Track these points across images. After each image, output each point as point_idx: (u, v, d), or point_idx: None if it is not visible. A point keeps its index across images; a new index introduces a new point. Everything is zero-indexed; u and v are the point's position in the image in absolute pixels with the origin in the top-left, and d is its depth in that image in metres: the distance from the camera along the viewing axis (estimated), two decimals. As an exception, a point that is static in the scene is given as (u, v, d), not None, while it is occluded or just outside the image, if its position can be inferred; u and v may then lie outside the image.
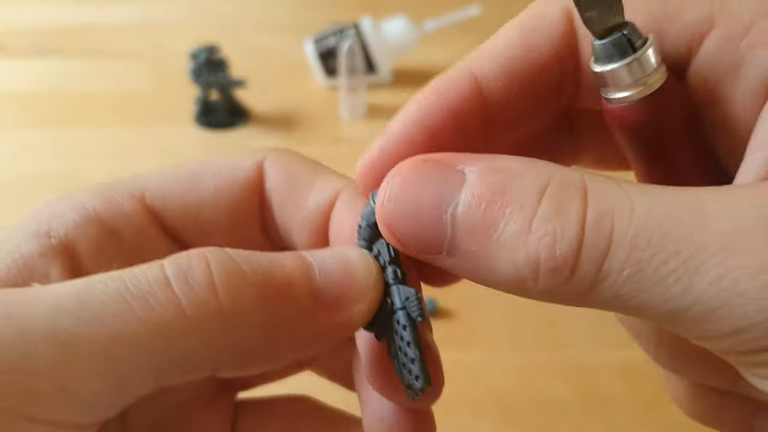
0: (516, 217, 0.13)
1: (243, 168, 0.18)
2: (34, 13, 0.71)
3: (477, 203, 0.13)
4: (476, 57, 0.17)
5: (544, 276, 0.13)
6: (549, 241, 0.12)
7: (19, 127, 0.55)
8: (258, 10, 0.72)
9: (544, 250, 0.12)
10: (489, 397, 0.36)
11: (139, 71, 0.62)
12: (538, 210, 0.13)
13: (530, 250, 0.13)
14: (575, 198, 0.13)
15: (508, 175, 0.13)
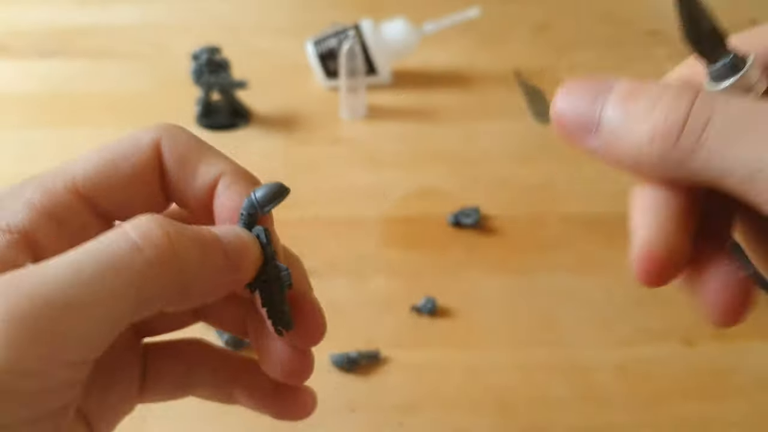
0: (646, 102, 0.18)
1: (143, 147, 0.22)
2: (36, 14, 0.71)
3: (623, 94, 0.19)
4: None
5: (658, 140, 0.18)
6: (665, 115, 0.18)
7: (21, 127, 0.56)
8: (259, 12, 0.72)
9: (661, 121, 0.18)
10: (488, 395, 0.36)
11: (140, 72, 0.62)
12: (662, 98, 0.18)
13: (653, 119, 0.18)
14: (689, 96, 0.18)
15: (644, 84, 0.19)
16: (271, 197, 0.22)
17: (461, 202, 0.48)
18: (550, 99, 0.21)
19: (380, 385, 0.37)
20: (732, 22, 0.70)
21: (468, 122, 0.57)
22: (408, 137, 0.55)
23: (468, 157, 0.53)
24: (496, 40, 0.68)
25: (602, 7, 0.74)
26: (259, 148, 0.54)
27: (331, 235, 0.46)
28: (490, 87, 0.61)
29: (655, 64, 0.64)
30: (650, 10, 0.74)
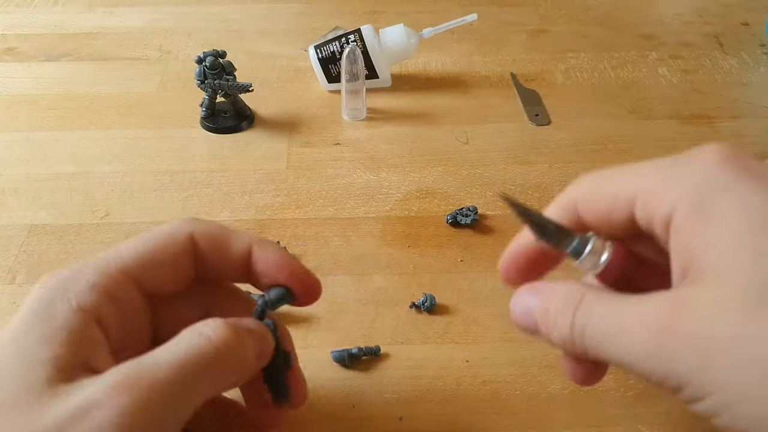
0: (552, 318, 0.26)
1: (179, 240, 0.28)
2: (45, 18, 0.72)
3: (540, 311, 0.27)
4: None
5: (563, 345, 0.26)
6: (559, 331, 0.26)
7: (29, 129, 0.56)
8: (263, 18, 0.72)
9: (558, 334, 0.26)
10: (485, 390, 0.37)
11: (147, 75, 0.63)
12: (557, 318, 0.26)
13: (556, 333, 0.26)
14: (570, 316, 0.25)
15: (550, 297, 0.27)
16: (279, 299, 0.29)
17: (459, 202, 0.49)
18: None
19: (380, 380, 0.38)
20: (724, 26, 0.72)
21: (466, 124, 0.57)
22: (407, 139, 0.55)
23: (466, 159, 0.53)
24: (493, 45, 0.68)
25: (597, 11, 0.75)
26: (262, 150, 0.54)
27: (333, 234, 0.47)
28: (488, 90, 0.62)
29: (648, 66, 0.65)
30: (644, 14, 0.75)
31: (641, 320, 0.23)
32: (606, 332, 0.24)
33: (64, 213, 0.48)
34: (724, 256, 0.22)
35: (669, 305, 0.23)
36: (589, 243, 0.26)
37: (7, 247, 0.45)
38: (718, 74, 0.64)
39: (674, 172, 0.25)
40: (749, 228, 0.22)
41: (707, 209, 0.23)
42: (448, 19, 0.61)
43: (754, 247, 0.22)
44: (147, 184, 0.51)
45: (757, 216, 0.22)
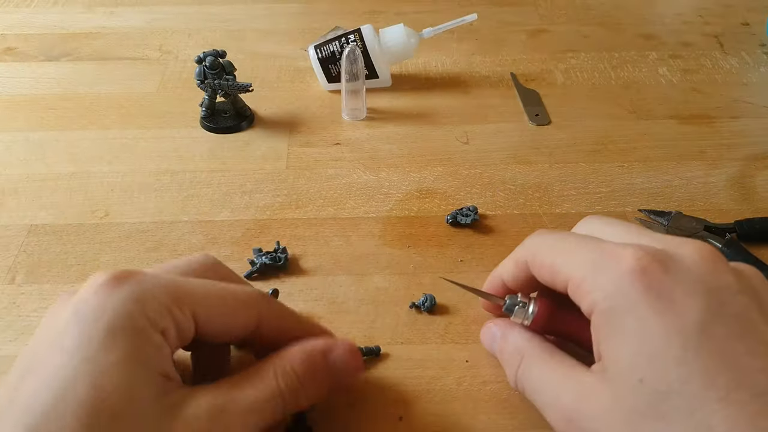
0: (506, 359, 0.35)
1: (249, 318, 0.31)
2: (44, 18, 0.72)
3: (499, 352, 0.36)
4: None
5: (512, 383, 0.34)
6: (510, 372, 0.34)
7: (29, 129, 0.56)
8: (263, 18, 0.72)
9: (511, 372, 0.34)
10: (485, 390, 0.37)
11: (146, 75, 0.63)
12: (509, 360, 0.34)
13: (508, 373, 0.34)
14: (516, 362, 0.33)
15: (504, 342, 0.35)
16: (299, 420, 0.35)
17: (459, 202, 0.49)
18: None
19: (380, 380, 0.38)
20: (725, 26, 0.72)
21: (466, 124, 0.57)
22: (407, 139, 0.56)
23: (466, 159, 0.53)
24: (493, 45, 0.69)
25: (597, 11, 0.75)
26: (262, 150, 0.54)
27: (333, 234, 0.47)
28: (488, 90, 0.62)
29: (648, 66, 0.65)
30: (644, 14, 0.75)
31: (557, 404, 0.30)
32: (537, 399, 0.32)
33: (63, 213, 0.48)
34: (620, 373, 0.27)
35: (576, 395, 0.29)
36: (515, 305, 0.34)
37: (6, 247, 0.45)
38: (718, 74, 0.64)
39: (598, 269, 0.29)
40: (640, 352, 0.27)
41: (615, 321, 0.28)
42: (448, 19, 0.61)
43: (642, 372, 0.27)
44: (147, 184, 0.51)
45: (646, 345, 0.27)
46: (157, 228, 0.47)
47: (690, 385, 0.26)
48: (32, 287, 0.43)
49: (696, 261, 0.29)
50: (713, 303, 0.27)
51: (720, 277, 0.28)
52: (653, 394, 0.26)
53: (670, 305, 0.27)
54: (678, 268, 0.28)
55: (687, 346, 0.26)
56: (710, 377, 0.26)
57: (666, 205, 0.49)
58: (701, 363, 0.26)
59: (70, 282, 0.43)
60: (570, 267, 0.30)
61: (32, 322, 0.41)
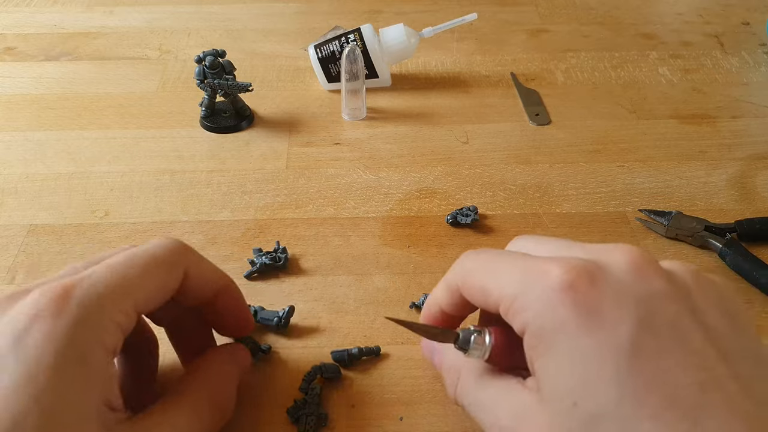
0: (445, 375, 0.34)
1: (177, 276, 0.31)
2: (44, 18, 0.72)
3: (438, 366, 0.35)
4: None
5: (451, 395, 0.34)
6: (450, 388, 0.33)
7: (30, 128, 0.56)
8: (263, 17, 0.72)
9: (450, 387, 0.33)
10: (485, 390, 0.37)
11: (146, 75, 0.63)
12: (447, 375, 0.34)
13: (446, 386, 0.34)
14: (454, 379, 0.33)
15: (442, 356, 0.35)
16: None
17: (459, 202, 0.49)
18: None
19: (380, 380, 0.38)
20: (725, 25, 0.72)
21: (466, 124, 0.57)
22: (407, 138, 0.56)
23: (466, 158, 0.53)
24: (493, 44, 0.69)
25: (598, 11, 0.75)
26: (262, 149, 0.54)
27: (333, 234, 0.47)
28: (488, 89, 0.62)
29: (649, 66, 0.65)
30: (645, 14, 0.75)
31: (497, 423, 0.29)
32: (478, 416, 0.31)
33: (63, 213, 0.48)
34: (554, 396, 0.27)
35: (515, 416, 0.29)
36: (470, 337, 0.31)
37: (6, 247, 0.45)
38: (718, 74, 0.64)
39: (526, 286, 0.28)
40: (572, 374, 0.26)
41: (546, 342, 0.27)
42: (448, 18, 0.61)
43: (575, 395, 0.26)
44: (146, 183, 0.51)
45: (578, 367, 0.26)
46: (157, 228, 0.47)
47: (622, 408, 0.25)
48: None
49: (624, 269, 0.28)
50: (643, 314, 0.27)
51: (650, 284, 0.28)
52: (587, 417, 0.26)
53: (600, 322, 0.26)
54: (606, 278, 0.27)
55: (619, 366, 0.26)
56: (641, 397, 0.25)
57: (666, 205, 0.49)
58: (632, 382, 0.25)
59: (70, 282, 0.43)
60: (499, 287, 0.29)
61: (32, 322, 0.40)
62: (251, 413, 0.36)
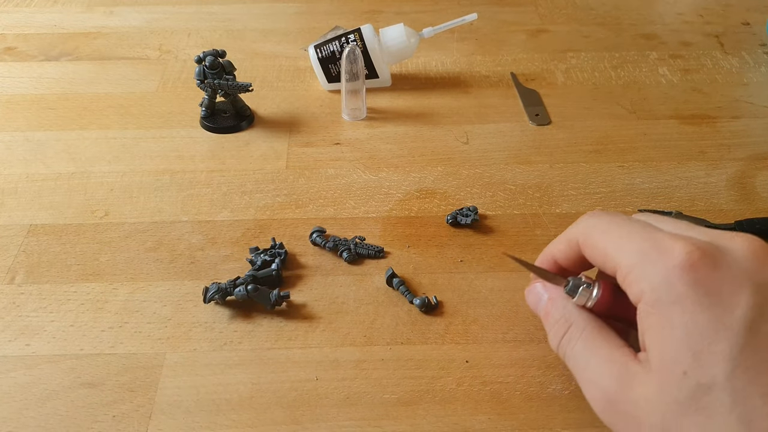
0: (551, 325, 0.35)
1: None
2: (44, 18, 0.72)
3: (543, 315, 0.35)
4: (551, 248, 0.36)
5: (555, 346, 0.34)
6: (554, 336, 0.34)
7: (30, 128, 0.56)
8: (263, 17, 0.72)
9: (553, 339, 0.34)
10: (485, 390, 0.37)
11: (146, 75, 0.63)
12: (554, 325, 0.34)
13: (551, 336, 0.34)
14: (564, 327, 0.33)
15: (552, 306, 0.35)
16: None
17: (459, 202, 0.49)
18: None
19: (380, 380, 0.38)
20: (725, 25, 0.71)
21: (466, 124, 0.57)
22: (407, 139, 0.55)
23: (466, 159, 0.53)
24: (493, 44, 0.68)
25: (598, 11, 0.75)
26: (262, 150, 0.54)
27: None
28: (488, 90, 0.62)
29: (649, 66, 0.65)
30: (645, 14, 0.75)
31: (599, 383, 0.30)
32: (577, 372, 0.32)
33: (63, 213, 0.48)
34: (664, 365, 0.28)
35: (619, 379, 0.30)
36: (579, 287, 0.33)
37: (6, 247, 0.45)
38: (718, 74, 0.64)
39: (647, 260, 0.30)
40: (685, 345, 0.28)
41: (662, 313, 0.28)
42: (448, 18, 0.61)
43: (686, 365, 0.27)
44: (146, 183, 0.51)
45: (692, 339, 0.28)
46: (157, 228, 0.47)
47: (734, 381, 0.26)
48: (32, 287, 0.43)
49: (745, 255, 0.29)
50: (761, 299, 0.28)
51: (766, 273, 0.29)
52: (696, 387, 0.27)
53: (718, 300, 0.27)
54: (727, 262, 0.29)
55: (733, 343, 0.27)
56: (755, 373, 0.26)
57: (666, 205, 0.49)
58: (746, 359, 0.26)
59: (70, 282, 0.43)
60: (620, 254, 0.30)
61: (31, 322, 0.40)
62: (251, 413, 0.36)
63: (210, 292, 0.41)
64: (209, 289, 0.41)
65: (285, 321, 0.41)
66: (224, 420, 0.36)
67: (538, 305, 0.36)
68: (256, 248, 0.45)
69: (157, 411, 0.36)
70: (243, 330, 0.40)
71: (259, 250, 0.45)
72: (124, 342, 0.39)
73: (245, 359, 0.39)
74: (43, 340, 0.39)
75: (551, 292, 0.35)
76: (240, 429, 0.35)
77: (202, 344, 0.39)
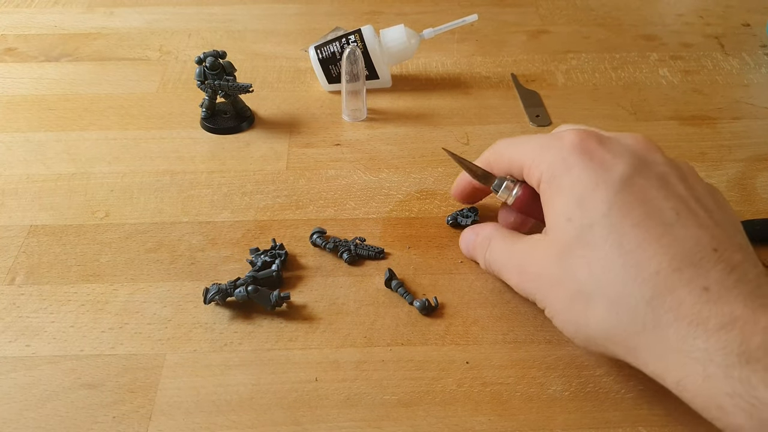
0: (477, 249, 0.42)
1: None
2: (44, 18, 0.72)
3: (473, 248, 0.42)
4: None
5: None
6: (480, 260, 0.41)
7: (30, 129, 0.56)
8: (263, 18, 0.72)
9: (480, 263, 0.42)
10: (485, 391, 0.37)
11: (147, 75, 0.63)
12: (479, 249, 0.41)
13: (480, 260, 0.41)
14: (486, 243, 0.41)
15: (477, 239, 0.42)
16: None
17: (459, 204, 0.49)
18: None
19: (380, 381, 0.38)
20: (725, 26, 0.71)
21: (466, 125, 0.57)
22: (408, 140, 0.55)
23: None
24: (493, 45, 0.68)
25: (598, 12, 0.75)
26: (262, 151, 0.54)
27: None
28: (488, 91, 0.62)
29: (649, 67, 0.65)
30: (645, 15, 0.75)
31: (512, 263, 0.37)
32: (499, 267, 0.39)
33: (63, 214, 0.48)
34: (555, 220, 0.34)
35: (526, 252, 0.36)
36: (504, 182, 0.39)
37: (6, 248, 0.45)
38: (719, 75, 0.64)
39: (544, 149, 0.35)
40: (571, 199, 0.33)
41: (555, 184, 0.34)
42: (449, 19, 0.61)
43: (570, 213, 0.33)
44: (147, 184, 0.51)
45: (577, 189, 0.33)
46: (158, 229, 0.47)
47: (610, 218, 0.32)
48: (32, 288, 0.43)
49: (631, 141, 0.35)
50: (638, 163, 0.33)
51: (650, 153, 0.35)
52: (579, 228, 0.32)
53: (600, 164, 0.33)
54: (611, 141, 0.35)
55: (609, 190, 0.32)
56: (626, 210, 0.32)
57: (667, 207, 0.49)
58: (620, 200, 0.32)
59: (70, 283, 0.43)
60: (523, 154, 0.37)
61: (32, 323, 0.40)
62: (252, 414, 0.36)
63: (210, 293, 0.41)
64: (209, 290, 0.41)
65: (285, 322, 0.41)
66: (224, 421, 0.36)
67: (468, 245, 0.42)
68: (257, 249, 0.45)
69: (157, 412, 0.36)
70: (243, 331, 0.40)
71: (259, 251, 0.45)
72: (125, 343, 0.39)
73: (245, 360, 0.39)
74: (44, 341, 0.39)
75: (477, 228, 0.42)
76: (240, 430, 0.35)
77: (202, 345, 0.39)
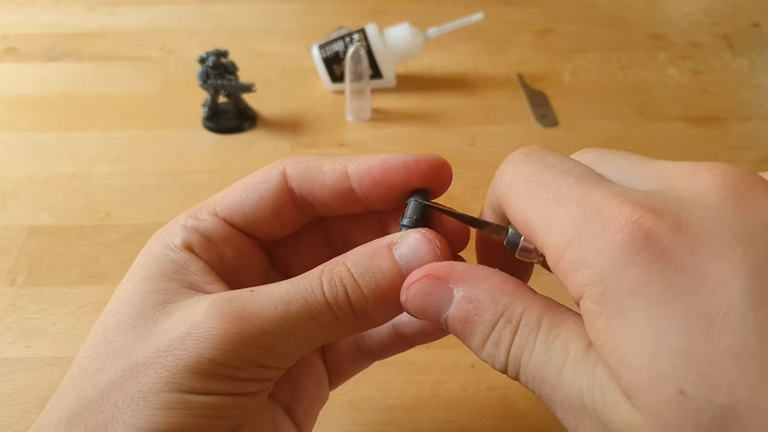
0: (476, 338, 0.23)
1: (271, 176, 0.27)
2: (46, 18, 0.71)
3: (457, 321, 0.23)
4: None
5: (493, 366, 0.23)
6: (491, 359, 0.23)
7: (30, 129, 0.56)
8: (266, 17, 0.72)
9: (490, 360, 0.23)
10: (490, 395, 0.37)
11: (148, 75, 0.63)
12: (488, 340, 0.23)
13: (484, 356, 0.23)
14: (509, 334, 0.22)
15: (477, 307, 0.23)
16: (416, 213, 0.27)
17: (465, 204, 0.49)
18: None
19: (384, 385, 0.37)
20: (734, 26, 0.71)
21: (472, 125, 0.57)
22: (412, 140, 0.55)
23: (472, 160, 0.53)
24: (499, 45, 0.68)
25: (605, 11, 0.74)
26: (265, 150, 0.54)
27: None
28: (494, 91, 0.61)
29: (657, 67, 0.65)
30: (653, 15, 0.74)
31: (567, 401, 0.20)
32: (541, 388, 0.21)
33: (64, 214, 0.48)
34: (649, 387, 0.18)
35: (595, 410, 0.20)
36: (522, 236, 0.24)
37: (7, 248, 0.45)
38: (727, 75, 0.64)
39: (582, 240, 0.20)
40: (667, 354, 0.18)
41: (611, 313, 0.19)
42: (454, 18, 0.60)
43: (676, 385, 0.18)
44: (148, 184, 0.50)
45: (673, 339, 0.18)
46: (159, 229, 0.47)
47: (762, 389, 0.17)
48: (33, 289, 0.42)
49: (718, 197, 0.19)
50: (754, 261, 0.18)
51: (756, 214, 0.19)
52: (707, 409, 0.17)
53: (694, 279, 0.18)
54: (694, 217, 0.19)
55: (738, 330, 0.17)
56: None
57: (675, 208, 0.49)
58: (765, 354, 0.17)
59: (71, 284, 0.43)
60: (547, 229, 0.21)
61: (32, 324, 0.40)
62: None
63: (212, 295, 0.41)
64: (211, 292, 0.41)
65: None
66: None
67: (440, 308, 0.23)
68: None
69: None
70: (245, 333, 0.40)
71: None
72: (125, 345, 0.39)
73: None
74: (44, 343, 0.39)
75: (466, 283, 0.23)
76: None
77: (203, 348, 0.39)
